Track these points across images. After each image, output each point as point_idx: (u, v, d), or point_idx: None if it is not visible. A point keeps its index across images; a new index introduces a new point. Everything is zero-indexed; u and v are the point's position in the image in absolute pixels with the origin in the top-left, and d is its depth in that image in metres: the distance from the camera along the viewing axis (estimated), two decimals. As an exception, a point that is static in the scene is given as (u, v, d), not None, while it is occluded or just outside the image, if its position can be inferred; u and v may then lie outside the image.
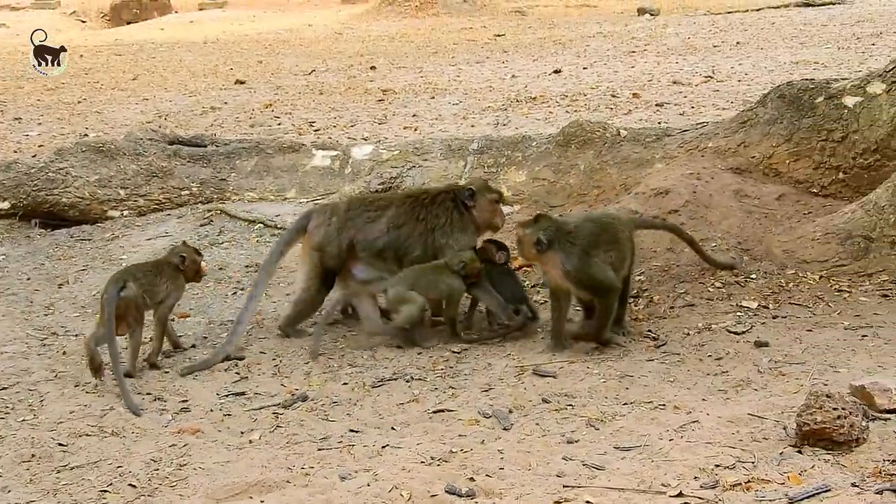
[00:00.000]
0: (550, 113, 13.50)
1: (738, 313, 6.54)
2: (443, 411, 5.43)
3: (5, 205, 9.55)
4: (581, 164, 8.88)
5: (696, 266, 7.14)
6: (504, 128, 12.52)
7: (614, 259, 6.28)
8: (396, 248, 6.77)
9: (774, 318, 6.44)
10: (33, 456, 5.10)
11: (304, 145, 10.16)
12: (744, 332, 6.24)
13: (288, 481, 4.65)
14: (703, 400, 5.30)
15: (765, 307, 6.60)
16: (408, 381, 5.89)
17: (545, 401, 5.46)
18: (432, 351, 6.35)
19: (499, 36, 23.69)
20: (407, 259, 6.74)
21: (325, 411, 5.55)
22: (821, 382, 5.33)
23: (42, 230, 9.42)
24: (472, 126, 12.88)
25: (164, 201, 9.68)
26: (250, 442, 5.19)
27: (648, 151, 8.70)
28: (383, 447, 4.98)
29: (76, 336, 6.90)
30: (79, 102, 16.61)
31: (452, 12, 29.73)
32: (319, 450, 5.03)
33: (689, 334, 6.32)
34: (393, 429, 5.27)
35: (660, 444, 4.76)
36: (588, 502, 4.29)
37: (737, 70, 16.14)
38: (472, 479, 4.53)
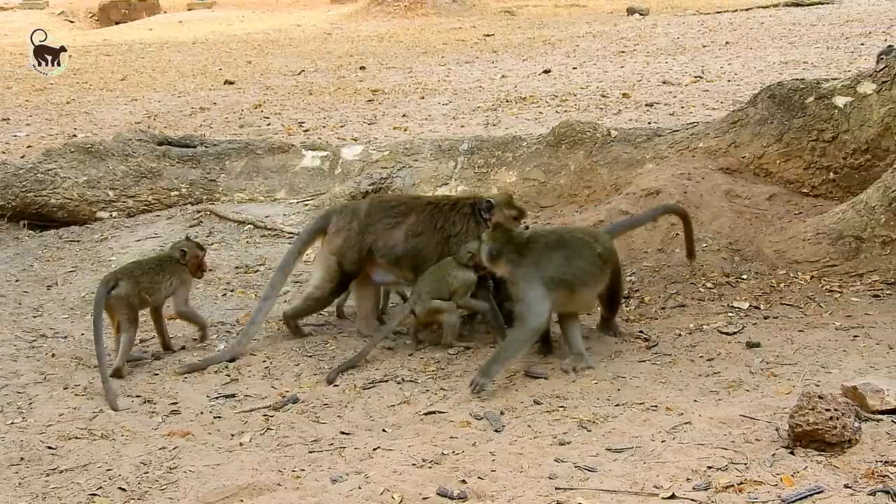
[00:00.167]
0: (540, 113, 13.50)
1: (730, 314, 6.54)
2: (434, 413, 5.41)
3: (-6, 206, 9.52)
4: (572, 164, 8.87)
5: (687, 266, 7.14)
6: (494, 128, 12.52)
7: (572, 276, 5.92)
8: (414, 255, 6.61)
9: (766, 318, 6.44)
10: (22, 459, 5.06)
11: (293, 146, 10.13)
12: (735, 333, 6.24)
13: (279, 484, 4.63)
14: (695, 401, 5.29)
15: (756, 308, 6.61)
16: (399, 383, 5.87)
17: (537, 402, 5.44)
18: (423, 353, 6.33)
19: (488, 36, 23.71)
20: (423, 267, 6.56)
21: (315, 413, 5.53)
22: (813, 383, 5.32)
23: (30, 231, 9.38)
24: (462, 126, 12.88)
25: (153, 202, 9.65)
26: (241, 445, 5.17)
27: (639, 152, 8.69)
28: (374, 449, 4.95)
29: (65, 338, 6.86)
30: (67, 103, 16.57)
31: (442, 12, 29.77)
32: (310, 452, 5.01)
33: (680, 335, 6.31)
34: (384, 431, 5.25)
35: (652, 446, 4.74)
36: (580, 504, 4.28)
37: (726, 70, 16.17)
38: (463, 481, 4.51)
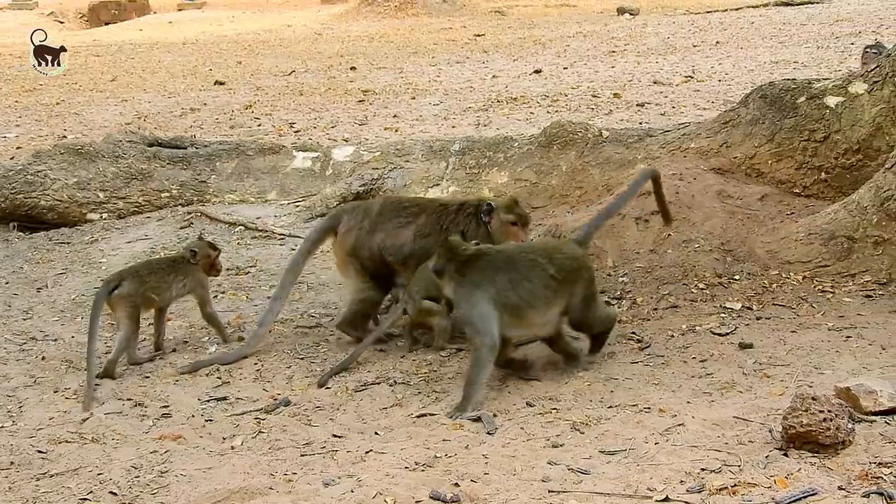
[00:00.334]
0: (531, 113, 13.50)
1: (722, 314, 6.52)
2: (427, 416, 5.39)
3: (-17, 208, 9.47)
4: (563, 165, 8.86)
5: (679, 267, 7.12)
6: (485, 128, 12.51)
7: (517, 299, 5.61)
8: (420, 257, 6.45)
9: (758, 319, 6.43)
10: (12, 463, 5.04)
11: (284, 147, 10.11)
12: (728, 334, 6.22)
13: (271, 488, 4.60)
14: (688, 402, 5.27)
15: (749, 308, 6.59)
16: (391, 386, 5.85)
17: (529, 404, 5.42)
18: (415, 355, 6.31)
19: (479, 36, 23.70)
20: None
21: (307, 416, 5.51)
22: (806, 384, 5.31)
23: (20, 233, 9.34)
24: (453, 127, 12.87)
25: (143, 204, 9.61)
26: (232, 448, 5.14)
27: (630, 152, 8.68)
28: (367, 452, 4.93)
29: (55, 341, 6.83)
30: (57, 104, 16.52)
31: (432, 12, 29.75)
32: (302, 455, 4.99)
33: (673, 336, 6.29)
34: (376, 434, 5.23)
35: (645, 448, 4.72)
36: (574, 507, 4.26)
37: (717, 70, 16.19)
38: (456, 484, 4.49)
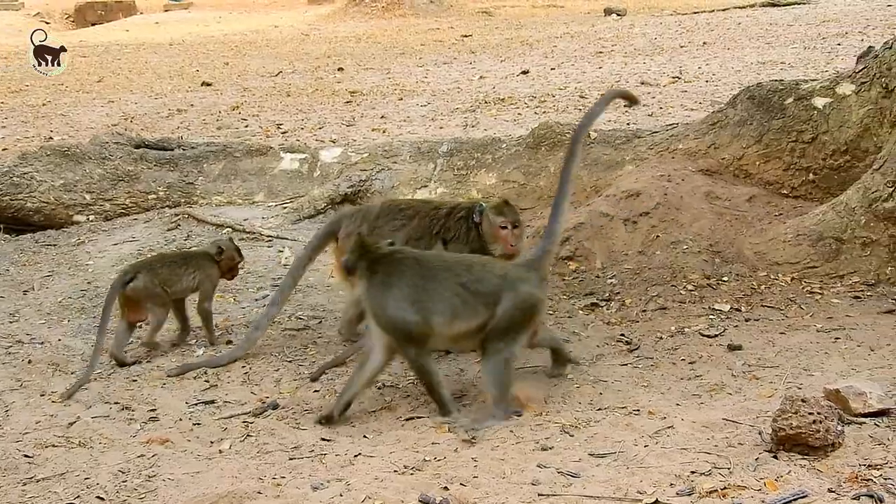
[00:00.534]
0: (519, 114, 13.48)
1: (711, 316, 6.53)
2: (415, 419, 5.37)
3: (-31, 210, 9.43)
4: (551, 166, 8.85)
5: (667, 269, 7.13)
6: (473, 129, 12.49)
7: (429, 300, 5.31)
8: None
9: (747, 320, 6.43)
10: (-1, 468, 5.01)
11: (271, 148, 10.09)
12: (717, 336, 6.23)
13: (259, 492, 4.57)
14: (678, 405, 5.27)
15: (737, 310, 6.59)
16: (379, 389, 5.82)
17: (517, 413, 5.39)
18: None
19: (466, 37, 23.69)
20: None
21: (296, 420, 5.48)
22: (795, 386, 5.31)
23: (6, 235, 9.29)
24: (440, 128, 12.85)
25: (130, 206, 9.59)
26: (220, 452, 5.11)
27: (619, 153, 8.68)
28: (355, 456, 4.91)
29: (42, 344, 6.78)
30: (43, 105, 16.46)
31: (419, 13, 29.74)
32: (291, 459, 4.96)
33: (661, 338, 6.30)
34: (365, 437, 5.21)
35: (635, 451, 4.71)
36: (564, 511, 4.25)
37: (704, 70, 16.18)
38: (445, 487, 4.47)
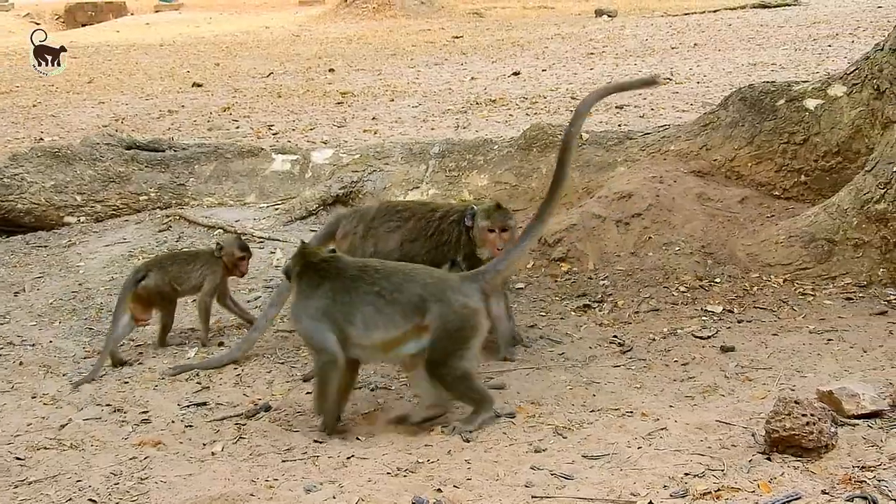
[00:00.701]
0: (510, 115, 13.49)
1: (704, 318, 6.53)
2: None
3: (-41, 212, 9.40)
4: (543, 167, 8.84)
5: (659, 270, 7.13)
6: (464, 130, 12.49)
7: (335, 315, 5.16)
8: (407, 262, 6.17)
9: (739, 322, 6.44)
10: (-10, 471, 4.99)
11: (263, 149, 10.06)
12: (709, 337, 6.23)
13: (252, 494, 4.57)
14: (671, 406, 5.27)
15: (730, 311, 6.60)
16: (372, 390, 5.81)
17: (510, 415, 5.37)
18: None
19: (457, 38, 23.72)
20: None
21: (288, 422, 5.46)
22: (788, 387, 5.32)
23: (-4, 237, 9.28)
24: (432, 129, 12.85)
25: (121, 207, 9.56)
26: (213, 454, 5.09)
27: (610, 155, 8.67)
28: (348, 458, 4.89)
29: (33, 346, 6.76)
30: (34, 106, 16.43)
31: (410, 14, 29.77)
32: (283, 461, 4.94)
33: (654, 339, 6.30)
34: (358, 439, 5.20)
35: (628, 453, 4.71)
36: (557, 513, 4.25)
37: (695, 72, 16.21)
38: (439, 490, 4.46)
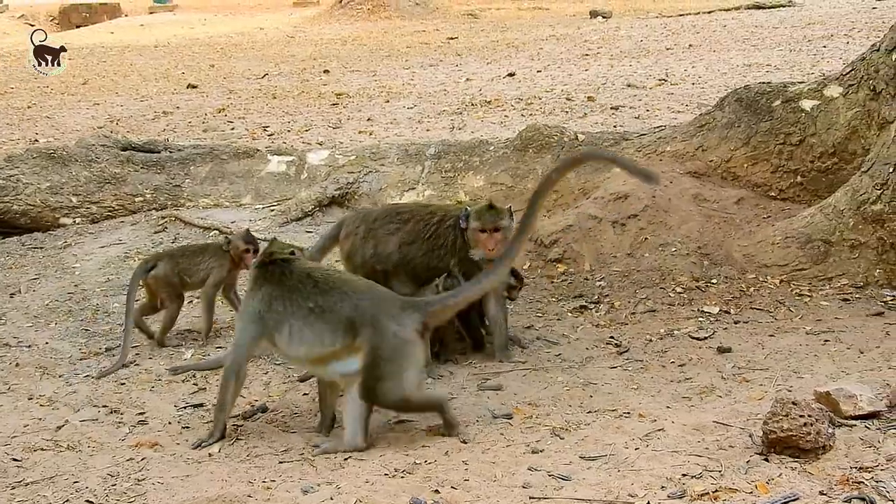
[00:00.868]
0: (506, 117, 13.49)
1: (700, 319, 6.53)
2: (406, 422, 5.35)
3: (-45, 213, 9.39)
4: (539, 168, 8.84)
5: (656, 271, 7.14)
6: (460, 132, 12.49)
7: (265, 322, 5.15)
8: (405, 264, 6.35)
9: (736, 323, 6.44)
10: (-13, 472, 4.98)
11: (259, 151, 10.06)
12: (706, 338, 6.23)
13: (249, 496, 4.56)
14: (668, 407, 5.27)
15: (726, 312, 6.60)
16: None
17: (507, 416, 5.36)
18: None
19: (452, 39, 23.71)
20: (415, 277, 6.33)
21: (285, 423, 5.46)
22: (785, 388, 5.32)
23: (-8, 238, 9.27)
24: (427, 130, 12.85)
25: (117, 208, 9.56)
26: (210, 455, 5.09)
27: (607, 155, 8.66)
28: (346, 459, 4.89)
29: (29, 347, 6.75)
30: (28, 107, 16.41)
31: (405, 15, 29.77)
32: (281, 462, 4.94)
33: (651, 340, 6.30)
34: (356, 440, 5.20)
35: (626, 454, 4.71)
36: (555, 514, 4.24)
37: (690, 73, 16.22)
38: (436, 491, 4.46)
